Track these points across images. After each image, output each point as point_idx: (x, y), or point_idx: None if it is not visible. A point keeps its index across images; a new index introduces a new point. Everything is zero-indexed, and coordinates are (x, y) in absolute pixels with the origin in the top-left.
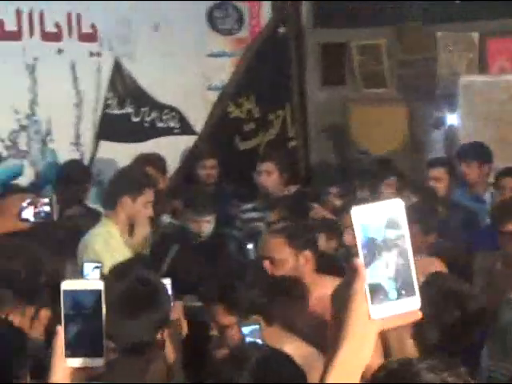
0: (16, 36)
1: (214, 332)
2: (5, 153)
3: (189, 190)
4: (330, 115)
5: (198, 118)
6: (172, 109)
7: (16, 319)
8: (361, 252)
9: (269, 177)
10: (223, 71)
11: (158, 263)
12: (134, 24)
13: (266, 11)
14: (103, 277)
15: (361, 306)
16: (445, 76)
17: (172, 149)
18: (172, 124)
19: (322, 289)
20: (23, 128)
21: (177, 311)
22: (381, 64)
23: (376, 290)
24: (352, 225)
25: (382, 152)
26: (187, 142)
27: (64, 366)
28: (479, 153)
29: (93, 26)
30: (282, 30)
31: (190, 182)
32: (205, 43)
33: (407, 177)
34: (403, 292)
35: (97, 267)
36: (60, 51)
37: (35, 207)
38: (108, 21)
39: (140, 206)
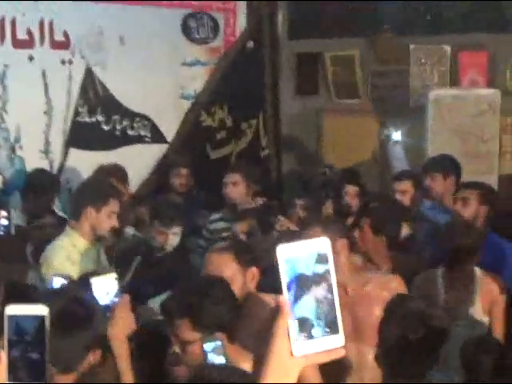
0: None
1: (175, 347)
2: None
3: (157, 199)
4: (303, 125)
5: (170, 127)
6: (143, 117)
7: None
8: (285, 289)
9: (235, 188)
10: (197, 80)
11: (121, 276)
12: (107, 32)
13: (241, 21)
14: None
15: (282, 343)
16: (417, 88)
17: (142, 157)
18: (143, 132)
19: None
20: None
21: (124, 306)
22: (354, 74)
23: (300, 327)
24: (277, 262)
25: (352, 163)
26: (158, 150)
27: None
28: (444, 165)
29: (65, 34)
30: (249, 44)
31: (160, 191)
32: (179, 52)
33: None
34: (327, 329)
35: (64, 277)
36: (31, 58)
37: None
38: (80, 29)
39: (104, 217)
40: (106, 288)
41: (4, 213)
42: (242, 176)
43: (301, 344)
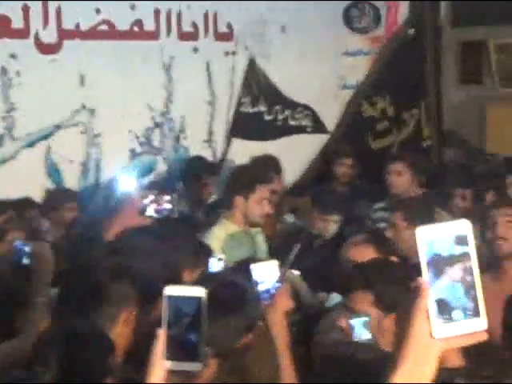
0: (154, 36)
1: (342, 321)
2: (139, 149)
3: (318, 188)
4: (466, 115)
5: (331, 117)
6: (305, 107)
7: (136, 318)
8: (425, 270)
9: (399, 177)
10: (358, 70)
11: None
12: (270, 23)
13: (403, 9)
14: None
15: (423, 325)
16: None
17: (304, 147)
18: (304, 122)
19: None
20: (157, 125)
21: (284, 292)
22: None
23: (440, 309)
24: (417, 244)
25: None
26: (319, 140)
27: (161, 367)
28: None
29: (229, 26)
30: (410, 32)
31: (321, 181)
32: (340, 42)
33: None
34: (468, 312)
35: (220, 259)
36: (196, 50)
37: (157, 204)
38: (244, 20)
39: (253, 204)
40: (266, 274)
41: (167, 197)
42: (406, 165)
43: (441, 326)
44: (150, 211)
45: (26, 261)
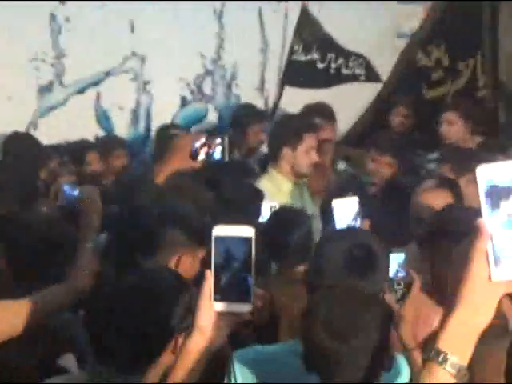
0: None
1: None
2: (190, 96)
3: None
4: None
5: (385, 66)
6: (359, 56)
7: (187, 262)
8: (485, 210)
9: (451, 127)
10: (413, 18)
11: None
12: None
13: None
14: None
15: (481, 267)
16: None
17: (357, 96)
18: (358, 71)
19: None
20: (209, 72)
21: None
22: None
23: (500, 252)
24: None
25: None
26: (373, 89)
27: (210, 309)
28: None
29: None
30: None
31: (375, 130)
32: None
33: None
34: None
35: (272, 207)
36: None
37: (208, 148)
38: None
39: (301, 154)
40: (347, 210)
41: (218, 140)
42: (458, 114)
43: (500, 269)
44: (202, 154)
45: (74, 205)
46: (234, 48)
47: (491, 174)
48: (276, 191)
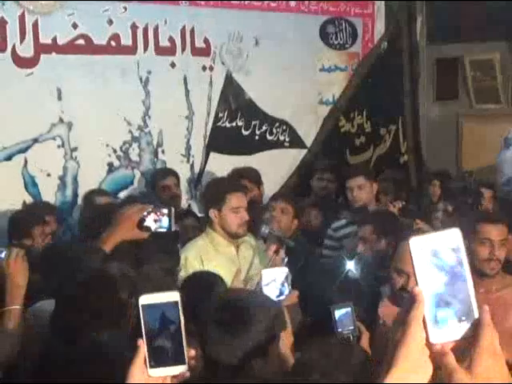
0: (131, 50)
1: None
2: (117, 163)
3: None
4: (443, 130)
5: (309, 132)
6: (283, 122)
7: None
8: (420, 279)
9: (361, 190)
10: (335, 85)
11: None
12: (246, 39)
13: (379, 26)
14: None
15: (418, 331)
16: None
17: (281, 162)
18: (282, 137)
19: None
20: (135, 139)
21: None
22: (494, 79)
23: (435, 316)
24: (411, 254)
25: (492, 168)
26: (297, 155)
27: (142, 376)
28: None
29: (206, 41)
30: (384, 45)
31: (298, 195)
32: (317, 58)
33: None
34: (463, 318)
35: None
36: (173, 65)
37: (155, 217)
38: (221, 36)
39: (228, 214)
40: (274, 280)
41: (165, 210)
42: (366, 178)
43: (438, 331)
44: (149, 223)
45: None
46: (160, 115)
47: (424, 245)
48: (209, 247)
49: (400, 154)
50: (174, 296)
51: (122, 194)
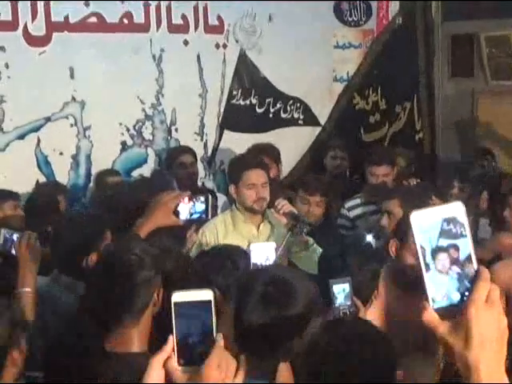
0: (144, 28)
1: None
2: (130, 141)
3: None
4: (458, 108)
5: (323, 110)
6: (297, 100)
7: None
8: (420, 253)
9: (384, 178)
10: (349, 63)
11: None
12: (260, 16)
13: (394, 3)
14: None
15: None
16: None
17: (295, 139)
18: (296, 115)
19: None
20: (148, 118)
21: None
22: (510, 56)
23: (439, 294)
24: (411, 229)
25: (508, 145)
26: (311, 133)
27: (160, 369)
28: None
29: (219, 18)
30: (399, 20)
31: (313, 172)
32: (331, 35)
33: None
34: (467, 294)
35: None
36: (186, 43)
37: (192, 204)
38: (234, 13)
39: (243, 190)
40: (263, 255)
41: (202, 198)
42: (391, 167)
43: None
44: (185, 212)
45: (13, 250)
46: (173, 93)
47: (426, 217)
48: (228, 221)
49: (415, 132)
50: (207, 295)
51: (136, 173)
